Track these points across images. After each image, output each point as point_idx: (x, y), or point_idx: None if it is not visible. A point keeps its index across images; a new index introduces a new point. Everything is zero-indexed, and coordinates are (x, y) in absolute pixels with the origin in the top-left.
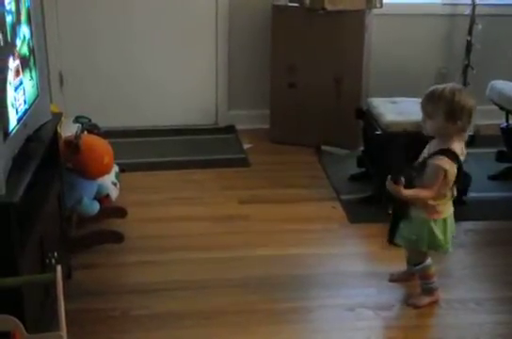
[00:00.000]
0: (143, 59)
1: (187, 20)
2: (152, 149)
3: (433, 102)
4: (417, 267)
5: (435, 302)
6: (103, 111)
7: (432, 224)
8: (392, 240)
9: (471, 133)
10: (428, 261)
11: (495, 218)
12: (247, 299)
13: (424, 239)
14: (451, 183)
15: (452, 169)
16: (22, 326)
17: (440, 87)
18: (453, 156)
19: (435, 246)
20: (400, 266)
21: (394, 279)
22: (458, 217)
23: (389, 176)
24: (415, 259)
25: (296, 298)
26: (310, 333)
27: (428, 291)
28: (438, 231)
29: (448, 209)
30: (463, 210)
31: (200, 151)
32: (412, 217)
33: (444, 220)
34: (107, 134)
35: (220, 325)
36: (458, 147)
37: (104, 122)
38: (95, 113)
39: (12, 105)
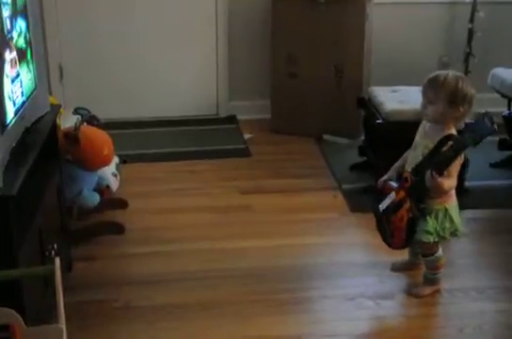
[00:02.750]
0: (143, 50)
1: (187, 11)
2: (153, 140)
3: (436, 88)
4: (428, 259)
5: (436, 291)
6: (103, 103)
7: (450, 211)
8: (408, 243)
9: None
10: (440, 252)
11: (497, 207)
12: (248, 290)
13: (446, 228)
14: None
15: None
16: (21, 319)
17: (443, 73)
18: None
19: (455, 231)
20: (402, 255)
21: (396, 268)
22: (460, 205)
23: (429, 171)
24: (428, 251)
25: (297, 289)
26: (310, 324)
27: (432, 281)
28: (454, 216)
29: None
30: (465, 198)
31: (201, 141)
32: (433, 210)
33: (456, 204)
34: (108, 125)
35: (222, 316)
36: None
37: (104, 114)
38: (95, 105)
39: (9, 98)
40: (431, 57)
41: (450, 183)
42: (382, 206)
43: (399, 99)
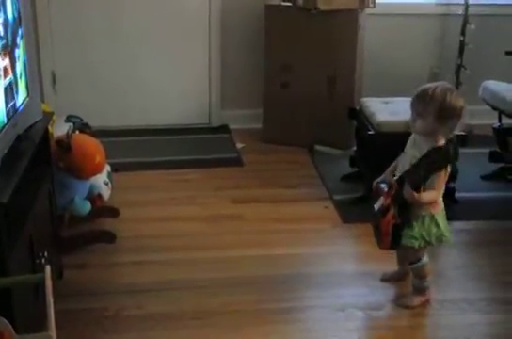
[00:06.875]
0: (136, 59)
1: (180, 20)
2: (145, 148)
3: (424, 102)
4: (414, 266)
5: (426, 302)
6: (96, 111)
7: (436, 217)
8: (394, 246)
9: (463, 133)
10: (425, 258)
11: (488, 218)
12: (239, 300)
13: (432, 233)
14: (447, 176)
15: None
16: (10, 327)
17: (432, 86)
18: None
19: (441, 237)
20: (392, 265)
21: (386, 278)
22: (451, 216)
23: (406, 184)
24: (413, 257)
25: (288, 299)
26: (301, 334)
27: (420, 290)
28: (441, 222)
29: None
30: (456, 210)
31: (193, 150)
32: (419, 216)
33: (443, 210)
34: (100, 133)
35: (213, 325)
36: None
37: (97, 122)
38: (88, 112)
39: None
40: (423, 69)
41: (432, 196)
42: (375, 207)
43: (390, 110)
